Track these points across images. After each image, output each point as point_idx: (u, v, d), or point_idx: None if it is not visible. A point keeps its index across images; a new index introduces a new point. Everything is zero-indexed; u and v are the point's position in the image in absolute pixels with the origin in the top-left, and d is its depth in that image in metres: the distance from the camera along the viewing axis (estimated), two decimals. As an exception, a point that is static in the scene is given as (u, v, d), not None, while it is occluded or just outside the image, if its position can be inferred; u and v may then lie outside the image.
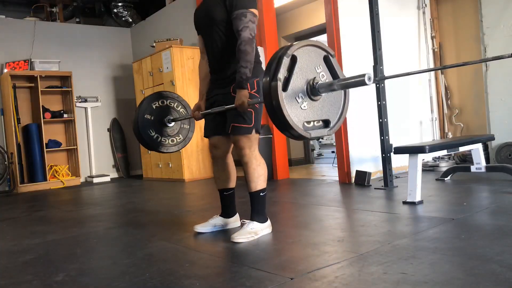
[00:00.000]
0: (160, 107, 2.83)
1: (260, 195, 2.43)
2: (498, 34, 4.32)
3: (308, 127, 1.85)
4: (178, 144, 2.90)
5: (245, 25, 2.25)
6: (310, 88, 1.83)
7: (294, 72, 1.79)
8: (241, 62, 2.23)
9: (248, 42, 2.24)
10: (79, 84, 6.92)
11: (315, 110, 1.87)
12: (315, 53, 1.89)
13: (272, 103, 1.76)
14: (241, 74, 2.23)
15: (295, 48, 1.80)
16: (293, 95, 1.79)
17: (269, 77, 1.77)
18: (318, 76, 1.87)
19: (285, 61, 1.77)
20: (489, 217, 2.50)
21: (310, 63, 1.86)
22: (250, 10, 2.29)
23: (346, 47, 4.27)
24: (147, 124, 2.77)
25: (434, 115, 5.13)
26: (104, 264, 2.22)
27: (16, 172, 6.11)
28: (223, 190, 2.63)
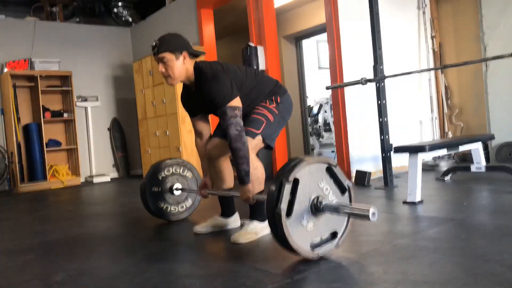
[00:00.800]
0: (166, 176, 2.92)
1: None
2: (498, 34, 4.32)
3: (316, 243, 1.87)
4: (188, 210, 3.01)
5: (228, 123, 2.22)
6: (315, 207, 1.84)
7: (297, 196, 1.79)
8: (236, 160, 2.23)
9: (237, 138, 2.21)
10: (79, 83, 6.92)
11: (321, 227, 1.89)
12: (317, 168, 1.88)
13: (277, 232, 1.79)
14: (240, 171, 2.23)
15: (296, 171, 1.79)
16: (298, 219, 1.80)
17: (272, 205, 1.78)
18: (322, 191, 1.87)
19: (287, 187, 1.76)
20: (489, 217, 2.50)
21: (313, 181, 1.86)
22: (227, 106, 2.23)
23: (346, 47, 4.27)
24: (155, 197, 2.87)
25: (434, 115, 5.13)
26: (104, 264, 2.22)
27: (16, 171, 6.11)
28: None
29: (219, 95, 2.24)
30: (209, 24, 5.83)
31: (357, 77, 3.83)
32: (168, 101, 5.82)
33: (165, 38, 2.34)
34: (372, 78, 3.71)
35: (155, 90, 6.12)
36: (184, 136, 5.64)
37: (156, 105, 6.10)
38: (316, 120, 8.84)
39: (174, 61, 2.29)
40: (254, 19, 5.04)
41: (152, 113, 6.24)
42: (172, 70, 2.30)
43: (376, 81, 3.69)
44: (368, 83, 3.73)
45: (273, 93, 2.47)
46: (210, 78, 2.28)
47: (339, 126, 4.35)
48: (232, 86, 2.27)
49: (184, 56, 2.31)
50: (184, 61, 2.32)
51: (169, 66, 2.29)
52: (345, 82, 4.14)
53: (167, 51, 2.28)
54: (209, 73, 2.29)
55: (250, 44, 4.87)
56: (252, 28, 5.02)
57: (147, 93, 6.33)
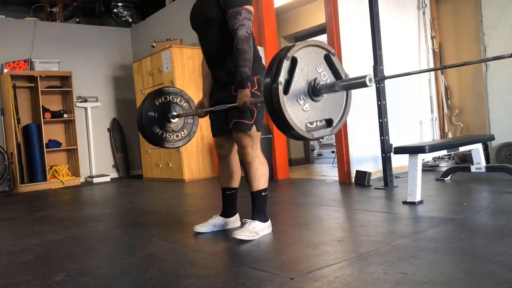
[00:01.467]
0: (163, 103, 2.84)
1: (262, 195, 2.44)
2: (498, 34, 4.32)
3: (311, 127, 1.84)
4: (183, 139, 2.92)
5: (240, 23, 2.23)
6: (312, 89, 1.82)
7: (295, 74, 1.78)
8: (240, 61, 2.22)
9: (245, 40, 2.23)
10: (79, 84, 6.92)
11: (317, 111, 1.86)
12: (316, 53, 1.88)
13: (274, 107, 1.75)
14: (241, 74, 2.22)
15: (295, 50, 1.79)
16: (295, 97, 1.79)
17: (270, 81, 1.76)
18: (320, 76, 1.86)
19: (285, 64, 1.75)
20: (489, 217, 2.50)
21: (311, 64, 1.85)
22: (244, 7, 2.27)
23: (346, 47, 4.27)
24: (151, 121, 2.78)
25: (434, 115, 5.13)
26: (104, 264, 2.22)
27: (16, 172, 6.11)
28: (226, 189, 2.63)
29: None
30: (209, 24, 5.82)
31: (357, 77, 3.82)
32: (168, 101, 5.82)
33: None
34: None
35: (155, 90, 6.11)
36: (184, 136, 5.63)
37: (156, 105, 6.10)
38: (316, 121, 8.83)
39: None
40: (254, 19, 5.04)
41: (152, 113, 6.23)
42: None
43: (376, 81, 3.69)
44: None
45: (254, 72, 2.39)
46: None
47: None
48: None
49: None
50: None
51: None
52: (345, 82, 4.13)
53: None
54: None
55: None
56: (252, 28, 5.02)
57: (147, 94, 6.32)
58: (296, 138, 1.86)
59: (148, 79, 6.22)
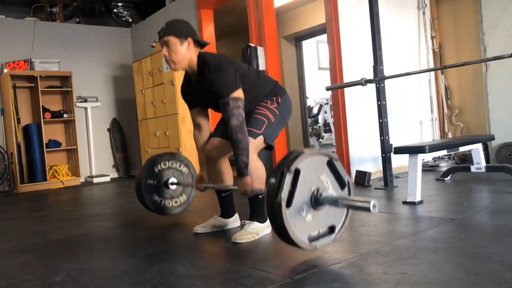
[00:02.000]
0: (162, 170, 2.90)
1: (258, 198, 2.43)
2: (498, 34, 4.32)
3: (314, 236, 1.86)
4: (182, 205, 2.99)
5: (230, 114, 2.22)
6: (314, 199, 1.83)
7: (297, 186, 1.78)
8: (236, 151, 2.22)
9: (238, 129, 2.21)
10: (79, 84, 6.92)
11: (320, 220, 1.88)
12: (318, 160, 1.88)
13: (277, 222, 1.77)
14: (240, 163, 2.22)
15: (298, 162, 1.78)
16: (298, 210, 1.79)
17: (272, 195, 1.77)
18: (322, 184, 1.86)
19: (288, 177, 1.75)
20: (489, 217, 2.49)
21: (314, 173, 1.85)
22: (230, 96, 2.24)
23: (346, 47, 4.27)
24: (150, 189, 2.85)
25: (434, 115, 5.13)
26: (104, 264, 2.22)
27: (16, 172, 6.11)
28: (221, 192, 2.63)
29: (222, 85, 2.24)
30: (209, 24, 5.83)
31: (357, 78, 3.83)
32: (168, 102, 5.82)
33: (172, 22, 2.33)
34: (372, 78, 3.72)
35: (155, 91, 6.12)
36: (184, 136, 5.64)
37: (156, 106, 6.10)
38: (316, 121, 8.85)
39: (178, 45, 2.28)
40: (254, 19, 5.04)
41: (152, 114, 6.24)
42: (175, 55, 2.30)
43: (376, 81, 3.69)
44: (368, 83, 3.73)
45: (274, 93, 2.47)
46: (213, 67, 2.28)
47: (339, 126, 4.35)
48: (235, 77, 2.28)
49: (189, 42, 2.30)
50: (188, 48, 2.31)
51: (173, 50, 2.29)
52: (345, 83, 4.14)
53: (172, 35, 2.27)
54: (213, 63, 2.29)
55: (250, 44, 4.87)
56: (252, 28, 5.02)
57: (147, 94, 6.33)
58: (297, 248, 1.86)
59: (148, 79, 6.23)
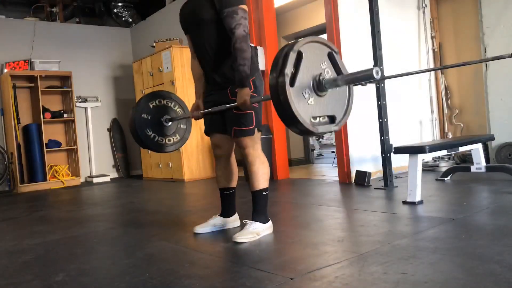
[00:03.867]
0: (157, 106, 2.82)
1: (263, 194, 2.44)
2: (498, 34, 4.32)
3: (315, 122, 1.84)
4: (175, 144, 2.89)
5: (237, 22, 2.22)
6: (317, 84, 1.82)
7: (300, 68, 1.78)
8: (239, 60, 2.21)
9: (243, 39, 2.22)
10: (79, 84, 6.92)
11: (321, 106, 1.87)
12: (320, 49, 1.89)
13: (280, 99, 1.75)
14: (241, 72, 2.21)
15: (301, 44, 1.80)
16: (300, 91, 1.79)
17: (276, 73, 1.76)
18: (324, 72, 1.87)
19: (291, 56, 1.76)
20: (489, 217, 2.50)
21: (316, 59, 1.86)
22: (240, 6, 2.26)
23: (346, 47, 4.27)
24: (144, 123, 2.75)
25: (434, 115, 5.13)
26: (104, 264, 2.22)
27: (16, 172, 6.11)
28: (224, 189, 2.63)
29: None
30: (209, 24, 5.82)
31: (357, 77, 3.82)
32: (168, 101, 5.82)
33: None
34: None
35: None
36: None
37: (156, 105, 6.09)
38: (316, 121, 8.83)
39: None
40: (254, 19, 5.04)
41: (152, 113, 6.23)
42: None
43: (376, 81, 3.69)
44: (368, 83, 3.72)
45: (252, 71, 2.37)
46: None
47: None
48: None
49: None
50: None
51: None
52: (345, 82, 4.13)
53: None
54: None
55: (250, 44, 4.86)
56: (252, 28, 5.02)
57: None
58: (301, 132, 1.85)
59: (148, 79, 6.22)
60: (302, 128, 1.78)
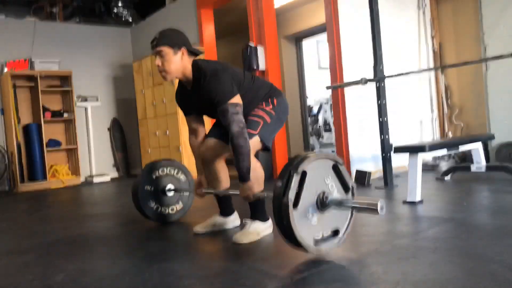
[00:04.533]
0: (160, 176, 2.89)
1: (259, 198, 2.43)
2: (498, 34, 4.32)
3: (318, 239, 1.87)
4: (178, 213, 2.97)
5: (230, 120, 2.20)
6: (320, 202, 1.85)
7: (304, 188, 1.80)
8: (237, 157, 2.21)
9: (239, 135, 2.19)
10: (79, 83, 6.91)
11: (325, 222, 1.89)
12: (324, 164, 1.91)
13: (283, 222, 1.78)
14: (241, 169, 2.21)
15: (305, 164, 1.81)
16: (304, 212, 1.81)
17: (280, 195, 1.78)
18: (328, 188, 1.89)
19: (295, 178, 1.77)
20: (489, 217, 2.50)
21: (319, 176, 1.88)
22: (228, 103, 2.22)
23: (346, 47, 4.27)
24: (147, 195, 2.83)
25: (434, 115, 5.13)
26: (104, 264, 2.22)
27: (16, 171, 6.11)
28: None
29: (220, 93, 2.23)
30: (209, 24, 5.83)
31: (357, 77, 3.83)
32: (168, 101, 5.82)
33: (165, 32, 2.32)
34: (372, 78, 3.72)
35: (155, 90, 6.12)
36: (184, 136, 5.64)
37: (156, 105, 6.10)
38: (316, 120, 8.83)
39: (171, 55, 2.27)
40: (254, 19, 5.04)
41: (152, 113, 6.24)
42: (168, 65, 2.28)
43: (376, 81, 3.69)
44: (368, 83, 3.73)
45: (269, 95, 2.46)
46: (209, 75, 2.26)
47: (339, 126, 4.35)
48: (232, 84, 2.27)
49: (182, 52, 2.29)
50: (182, 57, 2.29)
51: (166, 60, 2.27)
52: (345, 82, 4.14)
53: (165, 45, 2.26)
54: (208, 71, 2.28)
55: (250, 44, 4.87)
56: (252, 28, 5.02)
57: (147, 93, 6.33)
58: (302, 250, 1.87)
59: (148, 79, 6.23)
60: (306, 251, 1.83)
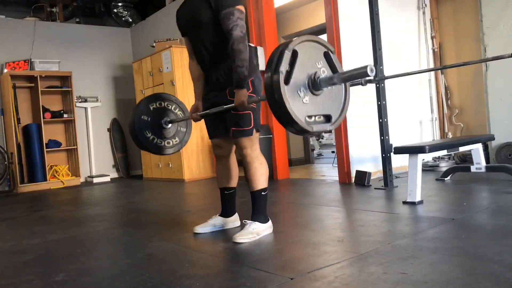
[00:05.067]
0: (157, 108, 2.81)
1: (262, 194, 2.44)
2: (498, 34, 4.32)
3: (310, 121, 1.83)
4: (174, 147, 2.87)
5: (234, 23, 2.22)
6: (312, 82, 1.82)
7: (295, 66, 1.78)
8: (236, 62, 2.21)
9: (241, 40, 2.22)
10: (79, 84, 6.92)
11: (317, 105, 1.86)
12: (316, 48, 1.89)
13: (274, 97, 1.75)
14: (238, 74, 2.22)
15: (296, 42, 1.80)
16: (295, 89, 1.78)
17: (271, 71, 1.76)
18: (319, 71, 1.86)
19: (286, 55, 1.76)
20: (489, 217, 2.50)
21: (311, 58, 1.86)
22: (236, 7, 2.26)
23: (346, 47, 4.27)
24: (143, 125, 2.74)
25: (434, 115, 5.13)
26: (104, 264, 2.22)
27: (16, 172, 6.11)
28: (225, 189, 2.63)
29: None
30: (209, 24, 5.82)
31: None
32: (168, 101, 5.82)
33: None
34: (372, 78, 3.71)
35: (155, 91, 6.11)
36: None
37: (156, 105, 6.09)
38: (316, 121, 8.82)
39: None
40: (254, 19, 5.04)
41: (152, 113, 6.23)
42: None
43: (376, 81, 3.69)
44: (368, 83, 3.72)
45: (250, 71, 2.38)
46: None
47: (339, 126, 4.35)
48: None
49: None
50: None
51: None
52: (345, 82, 4.13)
53: None
54: None
55: (250, 44, 4.85)
56: (252, 28, 5.02)
57: (147, 94, 6.32)
58: (296, 131, 1.84)
59: (148, 79, 6.22)
60: (297, 127, 1.78)
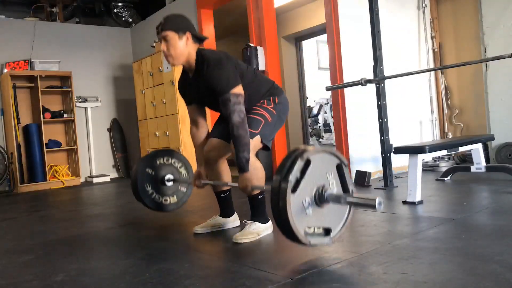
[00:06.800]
0: (163, 164, 2.85)
1: (259, 198, 2.43)
2: (498, 34, 4.32)
3: (309, 232, 1.84)
4: (171, 205, 2.90)
5: (231, 110, 2.20)
6: (318, 195, 1.83)
7: (305, 176, 1.79)
8: (237, 147, 2.21)
9: (240, 126, 2.19)
10: (79, 84, 6.91)
11: (319, 217, 1.87)
12: (329, 160, 1.90)
13: (278, 204, 1.76)
14: (241, 159, 2.21)
15: (311, 153, 1.80)
16: (301, 199, 1.79)
17: (281, 177, 1.77)
18: (328, 183, 1.87)
19: (299, 163, 1.77)
20: (489, 217, 2.50)
21: (323, 169, 1.86)
22: (231, 92, 2.22)
23: (346, 47, 4.27)
24: (146, 178, 2.79)
25: (434, 115, 5.13)
26: (104, 264, 2.22)
27: (16, 172, 6.11)
28: (220, 193, 2.63)
29: (222, 81, 2.22)
30: (209, 24, 5.83)
31: (357, 78, 3.83)
32: (168, 102, 5.82)
33: (170, 17, 2.30)
34: (372, 78, 3.71)
35: (155, 91, 6.12)
36: (184, 136, 5.64)
37: (156, 106, 6.10)
38: (316, 121, 8.84)
39: (176, 40, 2.25)
40: (254, 19, 5.04)
41: (152, 114, 6.24)
42: (174, 49, 2.26)
43: (376, 81, 3.69)
44: (368, 83, 3.72)
45: (270, 93, 2.46)
46: (212, 64, 2.25)
47: (339, 126, 4.35)
48: (235, 74, 2.26)
49: (187, 37, 2.28)
50: (186, 42, 2.28)
51: (171, 45, 2.26)
52: (345, 83, 4.14)
53: (170, 29, 2.25)
54: (212, 59, 2.27)
55: (250, 44, 4.87)
56: (252, 28, 5.02)
57: (147, 94, 6.33)
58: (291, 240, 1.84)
59: (148, 79, 6.23)
60: (294, 238, 1.80)
